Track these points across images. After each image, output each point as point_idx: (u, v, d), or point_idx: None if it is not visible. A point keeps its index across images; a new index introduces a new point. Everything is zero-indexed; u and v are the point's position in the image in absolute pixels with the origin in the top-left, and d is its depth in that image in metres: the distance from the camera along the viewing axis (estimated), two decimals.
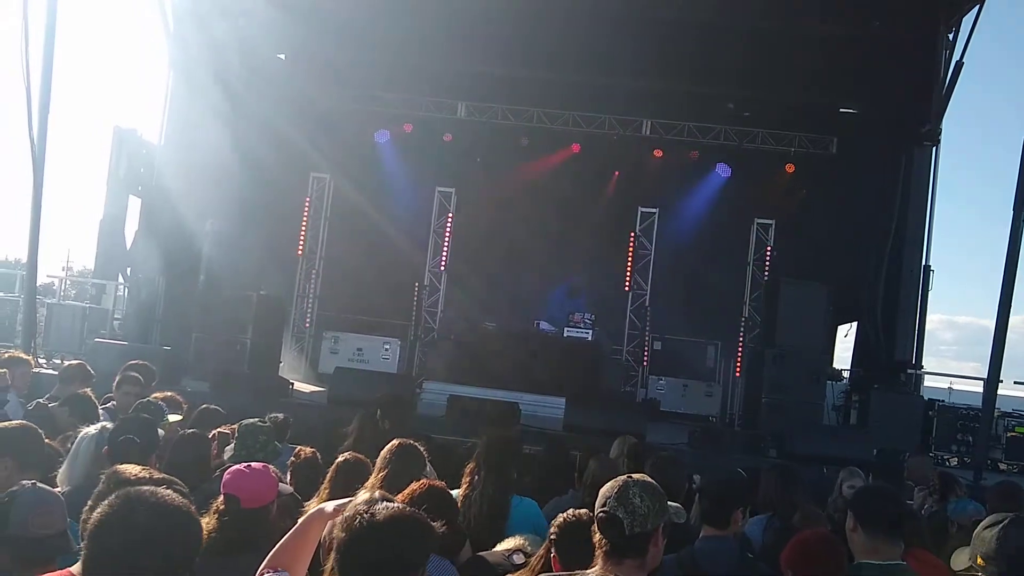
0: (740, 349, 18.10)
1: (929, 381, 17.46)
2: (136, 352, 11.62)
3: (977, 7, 14.82)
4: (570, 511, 3.60)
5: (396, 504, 2.63)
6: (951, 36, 15.77)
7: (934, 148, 16.52)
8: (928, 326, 16.76)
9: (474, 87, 19.44)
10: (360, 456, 5.05)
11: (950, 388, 17.31)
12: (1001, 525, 3.64)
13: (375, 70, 19.19)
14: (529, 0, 16.11)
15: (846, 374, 18.30)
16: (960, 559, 4.11)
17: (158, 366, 12.03)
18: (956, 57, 15.59)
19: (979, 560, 3.67)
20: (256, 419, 5.61)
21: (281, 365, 16.30)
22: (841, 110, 19.23)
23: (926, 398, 15.89)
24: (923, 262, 16.66)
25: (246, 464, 4.04)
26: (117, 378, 7.44)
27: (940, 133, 16.39)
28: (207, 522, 3.83)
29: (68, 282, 22.22)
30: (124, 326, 16.68)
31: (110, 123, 17.19)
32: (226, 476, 3.98)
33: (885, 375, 15.98)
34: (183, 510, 2.48)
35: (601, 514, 3.01)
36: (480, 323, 17.55)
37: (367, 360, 17.39)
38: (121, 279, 17.24)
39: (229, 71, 16.55)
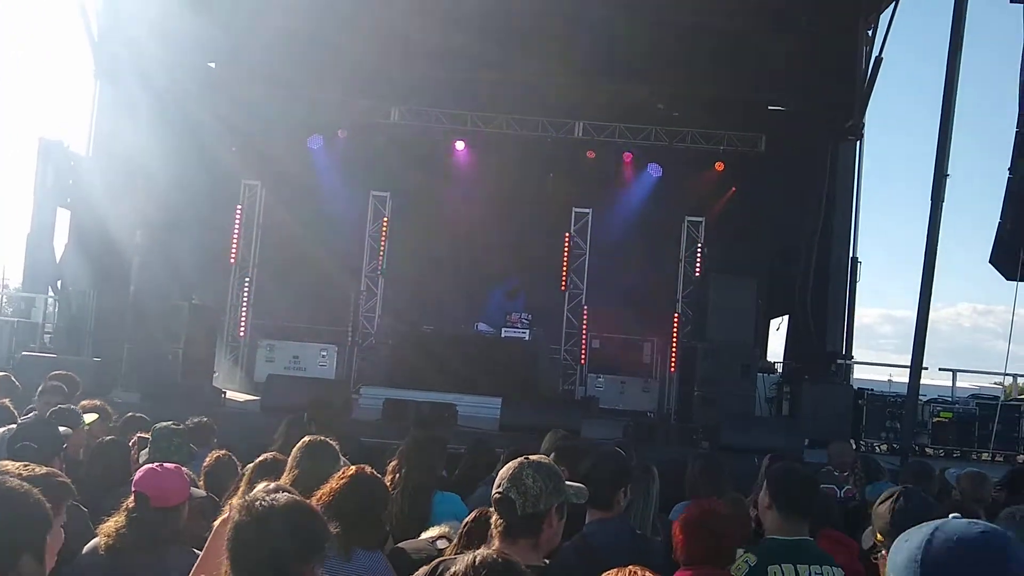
0: (674, 345, 18.35)
1: (868, 373, 17.91)
2: (65, 364, 11.44)
3: (893, 4, 15.22)
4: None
5: (296, 494, 2.68)
6: (870, 32, 16.17)
7: (858, 142, 16.91)
8: (867, 320, 17.37)
9: (407, 91, 19.44)
10: (279, 455, 5.06)
11: (889, 380, 17.75)
12: (893, 498, 3.77)
13: (306, 76, 19.05)
14: (459, 2, 16.17)
15: (780, 367, 18.67)
16: (869, 538, 4.26)
17: (88, 377, 11.93)
18: (876, 52, 15.99)
19: (878, 536, 3.80)
20: (170, 422, 5.60)
21: (216, 375, 16.16)
22: (769, 107, 19.56)
23: (856, 388, 16.26)
24: (851, 254, 17.04)
25: (159, 464, 4.06)
26: (39, 388, 7.34)
27: (863, 127, 16.80)
28: (116, 520, 3.86)
29: (4, 298, 21.79)
30: (55, 340, 16.40)
31: (35, 135, 16.83)
32: (137, 475, 4.00)
33: (816, 367, 16.32)
34: (22, 493, 2.47)
35: (496, 495, 3.09)
36: (418, 327, 17.58)
37: (304, 368, 17.29)
38: (51, 292, 16.95)
39: (156, 80, 16.38)
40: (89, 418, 5.94)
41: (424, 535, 4.55)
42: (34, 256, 16.46)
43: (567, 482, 3.31)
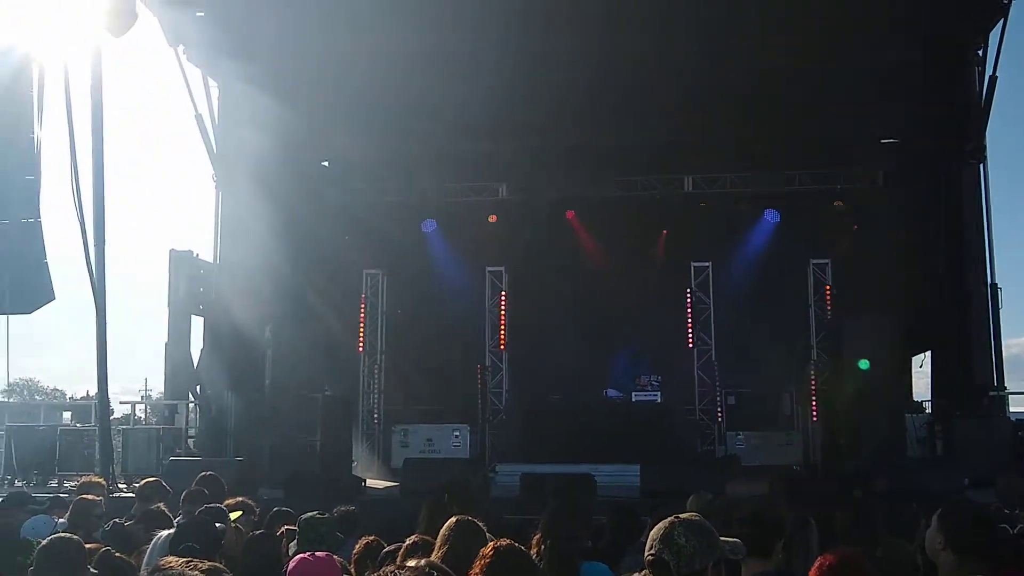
0: (813, 393, 17.68)
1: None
2: (209, 466, 11.77)
3: (1001, 21, 14.69)
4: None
5: (425, 565, 2.60)
6: (980, 52, 15.62)
7: (980, 165, 16.23)
8: (1016, 349, 16.33)
9: (513, 166, 19.69)
10: (427, 537, 5.01)
11: None
12: None
13: (415, 163, 19.57)
14: (551, 72, 16.34)
15: (928, 406, 17.77)
16: None
17: (232, 477, 12.24)
18: (989, 72, 15.41)
19: None
20: (315, 512, 5.62)
21: (355, 464, 16.36)
22: (882, 140, 19.02)
23: (1015, 420, 15.34)
24: (989, 280, 16.24)
25: (310, 552, 4.05)
26: (183, 493, 7.51)
27: (985, 149, 16.12)
28: None
29: (148, 408, 22.67)
30: (198, 443, 16.90)
31: (165, 246, 17.63)
32: (291, 564, 4.00)
33: (967, 402, 15.47)
34: None
35: (649, 557, 2.96)
36: (547, 398, 17.48)
37: (438, 449, 17.36)
38: (191, 397, 17.53)
39: (274, 183, 17.00)
40: (234, 515, 6.02)
41: None
42: (173, 364, 17.11)
43: (721, 538, 3.16)
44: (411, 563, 3.17)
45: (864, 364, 14.34)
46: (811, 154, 19.26)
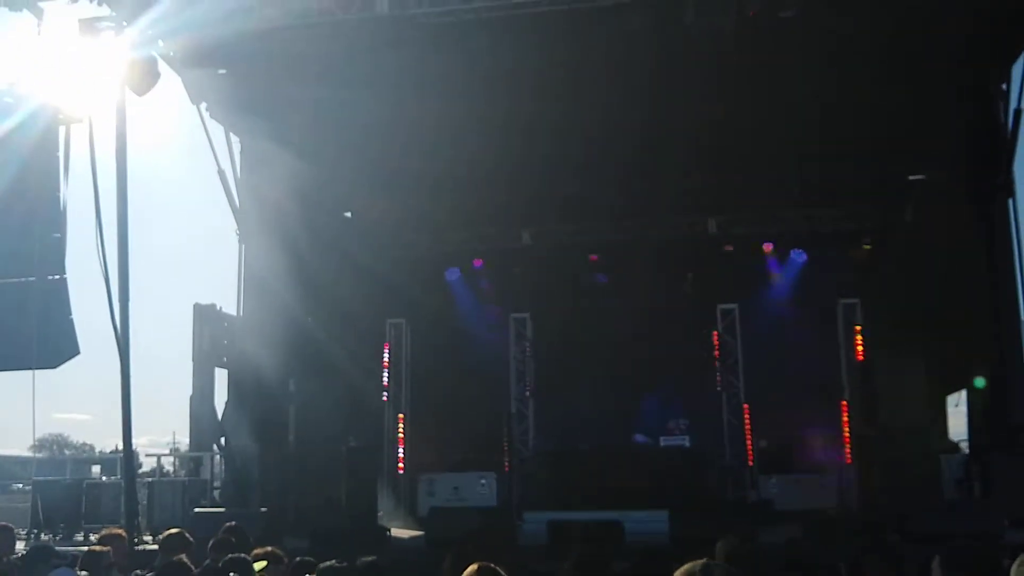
0: (847, 435, 17.34)
1: None
2: (234, 517, 11.66)
3: (1023, 54, 14.58)
4: None
5: None
6: (1004, 86, 15.48)
7: (1010, 199, 16.01)
8: None
9: (535, 212, 19.72)
10: None
11: None
12: None
13: (437, 212, 19.64)
14: (579, 116, 16.36)
15: (964, 446, 17.38)
16: None
17: (257, 528, 12.15)
18: (1013, 105, 15.25)
19: None
20: (333, 561, 5.50)
21: (380, 514, 16.17)
22: (909, 177, 18.85)
23: None
24: (1023, 316, 15.93)
25: None
26: (210, 543, 7.42)
27: (1013, 183, 15.90)
28: None
29: (177, 460, 22.64)
30: (223, 494, 16.82)
31: (190, 300, 17.74)
32: None
33: (1003, 440, 15.10)
34: None
35: None
36: (574, 445, 17.27)
37: (465, 498, 17.14)
38: (216, 449, 17.49)
39: (297, 235, 17.08)
40: (258, 565, 5.91)
41: None
42: (198, 416, 17.11)
43: None
44: None
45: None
46: (837, 193, 19.13)
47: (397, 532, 15.09)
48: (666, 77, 15.18)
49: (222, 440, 17.40)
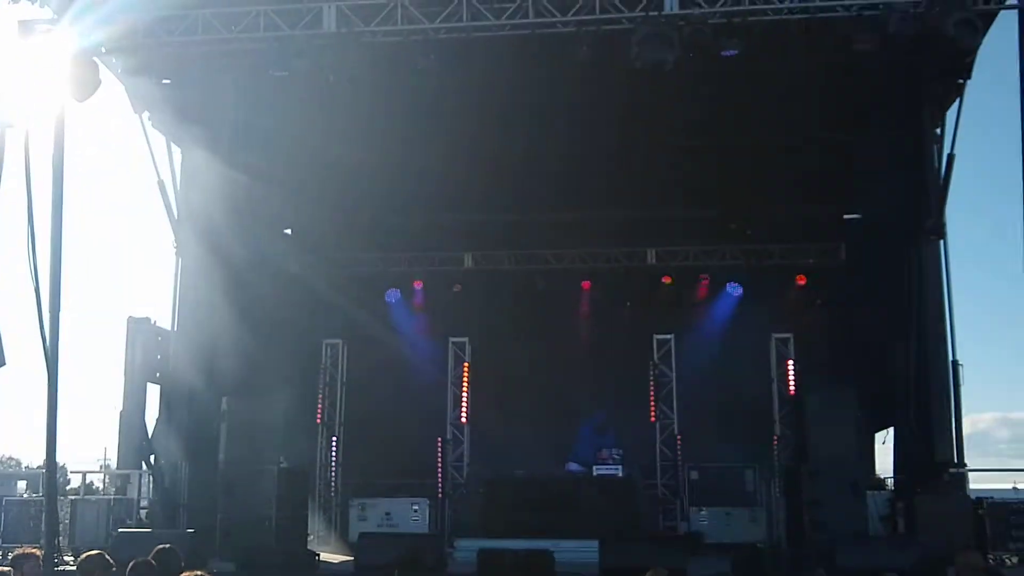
0: (777, 468, 17.55)
1: (990, 483, 16.85)
2: (159, 538, 11.40)
3: (957, 100, 15.01)
4: None
5: None
6: (938, 131, 15.92)
7: (941, 241, 16.41)
8: (982, 425, 16.33)
9: (478, 236, 19.77)
10: None
11: (1014, 486, 16.64)
12: None
13: (380, 233, 19.58)
14: (524, 145, 16.46)
15: (891, 482, 17.69)
16: None
17: (183, 550, 11.81)
18: (947, 150, 15.68)
19: None
20: None
21: (311, 538, 15.97)
22: (845, 216, 19.28)
23: (975, 497, 15.27)
24: (950, 357, 16.29)
25: None
26: (129, 566, 7.21)
27: (944, 226, 16.31)
28: None
29: (108, 478, 22.10)
30: (151, 514, 16.42)
31: (123, 312, 17.39)
32: None
33: (928, 479, 15.41)
34: None
35: None
36: (508, 472, 17.24)
37: (397, 523, 17.02)
38: (145, 467, 17.10)
39: (235, 251, 16.86)
40: None
41: None
42: (127, 433, 16.70)
43: None
44: None
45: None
46: (775, 229, 19.51)
47: (327, 557, 14.92)
48: (609, 108, 15.37)
49: (151, 458, 17.03)
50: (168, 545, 7.90)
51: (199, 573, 6.97)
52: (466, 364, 18.88)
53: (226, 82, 15.23)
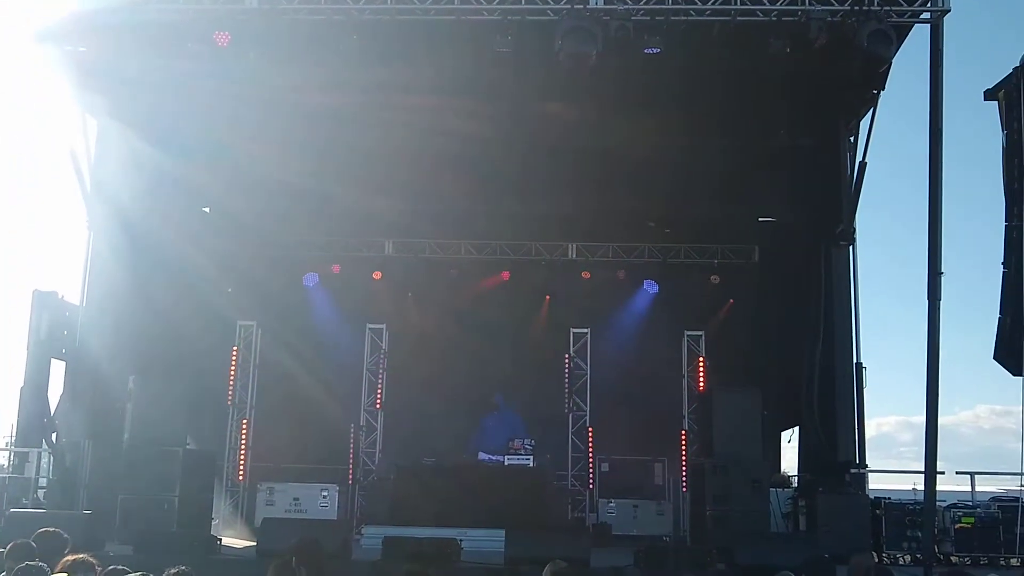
0: (684, 463, 17.87)
1: (891, 483, 17.33)
2: (54, 519, 11.13)
3: (871, 111, 15.40)
4: None
5: None
6: (852, 139, 16.31)
7: (850, 247, 16.83)
8: (885, 428, 16.82)
9: (399, 224, 19.66)
10: None
11: (913, 488, 17.10)
12: None
13: (299, 215, 19.32)
14: (447, 135, 16.38)
15: (795, 480, 18.14)
16: None
17: (79, 532, 11.54)
18: (859, 158, 16.08)
19: None
20: (139, 573, 5.31)
21: (215, 522, 15.73)
22: (759, 219, 19.67)
23: (873, 497, 15.73)
24: (854, 360, 16.73)
25: None
26: (7, 548, 7.00)
27: (854, 232, 16.73)
28: None
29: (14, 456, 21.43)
30: (49, 495, 15.99)
31: (29, 286, 16.86)
32: None
33: (830, 478, 15.83)
34: None
35: None
36: (419, 460, 17.21)
37: (305, 510, 16.85)
38: (45, 445, 16.64)
39: (149, 227, 16.50)
40: None
41: None
42: (28, 409, 16.23)
43: None
44: None
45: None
46: (691, 229, 19.83)
47: (231, 541, 14.72)
48: (531, 101, 15.41)
49: (53, 436, 16.59)
50: (52, 529, 7.72)
51: (82, 556, 6.81)
52: (383, 350, 18.75)
53: (143, 53, 14.84)
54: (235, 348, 18.57)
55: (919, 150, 13.37)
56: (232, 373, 18.48)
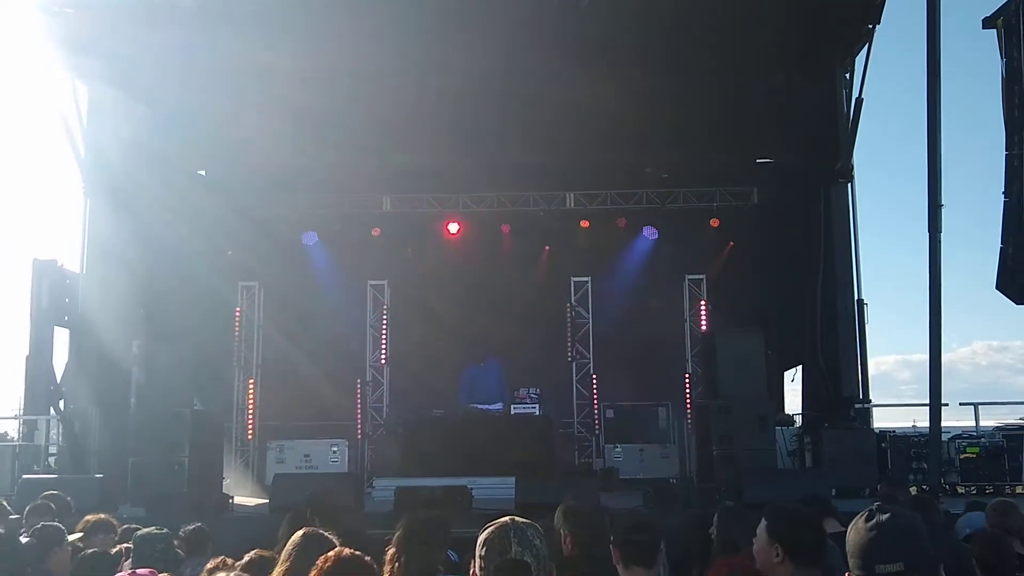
0: (689, 406, 17.98)
1: (892, 421, 17.48)
2: (66, 484, 11.26)
3: (866, 45, 15.28)
4: None
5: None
6: (848, 75, 16.21)
7: (849, 184, 16.81)
8: (885, 367, 16.95)
9: (397, 179, 19.60)
10: (265, 553, 4.83)
11: (914, 424, 17.27)
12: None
13: (297, 174, 19.24)
14: (441, 88, 16.28)
15: (799, 419, 18.26)
16: None
17: (92, 495, 11.72)
18: (856, 94, 15.99)
19: None
20: (153, 528, 5.37)
21: (227, 481, 15.84)
22: (757, 160, 19.59)
23: (878, 431, 15.88)
24: (856, 296, 16.78)
25: (130, 571, 3.83)
26: (27, 508, 7.11)
27: (852, 169, 16.70)
28: None
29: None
30: (60, 461, 16.12)
31: (28, 255, 16.84)
32: None
33: (834, 414, 15.95)
34: None
35: (507, 562, 2.80)
36: (427, 413, 17.33)
37: (316, 465, 16.99)
38: (53, 413, 16.74)
39: (146, 191, 16.45)
40: (72, 536, 5.69)
41: None
42: (34, 378, 16.30)
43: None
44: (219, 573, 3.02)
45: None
46: (689, 173, 19.74)
47: (243, 500, 14.85)
48: (525, 50, 15.27)
49: (60, 404, 16.68)
50: (55, 492, 7.81)
51: (103, 516, 6.93)
52: (385, 307, 18.78)
53: (133, 17, 14.70)
54: (238, 309, 18.60)
55: (918, 81, 13.23)
56: (236, 334, 18.52)
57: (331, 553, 3.94)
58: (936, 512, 7.28)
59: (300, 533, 4.63)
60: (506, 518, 2.94)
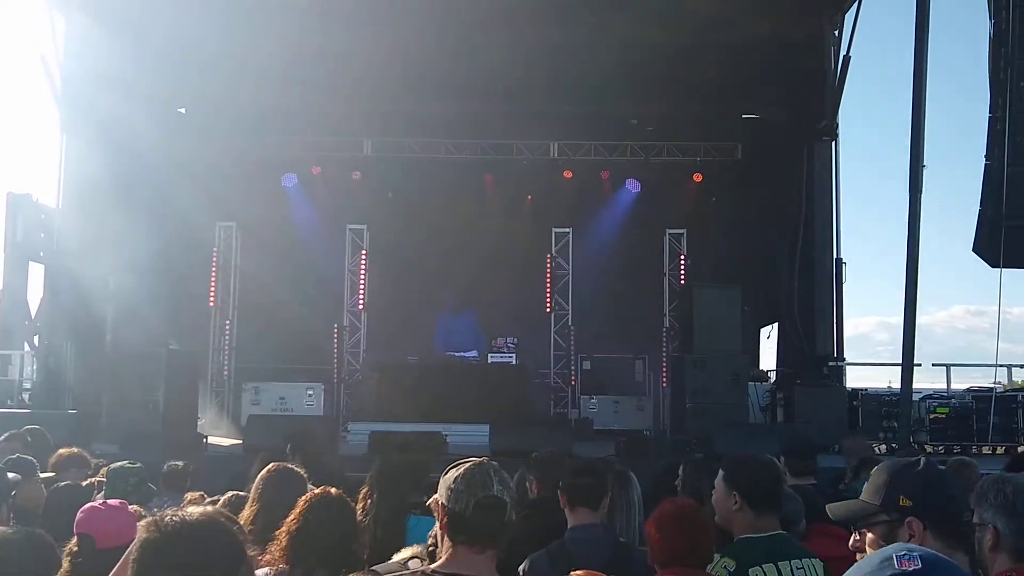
0: (664, 360, 18.09)
1: (866, 380, 17.66)
2: (40, 419, 11.19)
3: (856, 3, 15.19)
4: None
5: (211, 509, 2.44)
6: (836, 33, 16.13)
7: (833, 143, 16.81)
8: (863, 328, 17.10)
9: (379, 122, 19.40)
10: (240, 493, 4.85)
11: (889, 384, 17.46)
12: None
13: (277, 115, 19.02)
14: (427, 33, 16.08)
15: (773, 375, 18.44)
16: None
17: (65, 431, 11.67)
18: (843, 52, 15.93)
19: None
20: (126, 461, 5.36)
21: (201, 421, 15.86)
22: (742, 116, 19.52)
23: (851, 389, 16.07)
24: (835, 255, 16.87)
25: (101, 502, 3.83)
26: (2, 437, 7.07)
27: (837, 128, 16.70)
28: (63, 568, 3.64)
29: None
30: (34, 396, 16.09)
31: (2, 189, 16.65)
32: (79, 515, 3.76)
33: (808, 371, 16.12)
34: None
35: (489, 498, 2.80)
36: (404, 359, 17.35)
37: (291, 408, 16.98)
38: (28, 348, 16.67)
39: (124, 128, 16.21)
40: (44, 475, 5.67)
41: (395, 557, 4.31)
42: (8, 313, 16.23)
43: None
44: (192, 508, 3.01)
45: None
46: (674, 127, 19.65)
47: (217, 440, 14.89)
48: (518, 6, 15.11)
49: (35, 339, 16.60)
50: (36, 426, 7.78)
51: (76, 450, 6.90)
52: (364, 251, 18.70)
53: None
54: (215, 249, 18.44)
55: (906, 42, 13.19)
56: (213, 274, 18.39)
57: (317, 490, 4.00)
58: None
59: (269, 469, 4.65)
60: (481, 457, 2.94)
